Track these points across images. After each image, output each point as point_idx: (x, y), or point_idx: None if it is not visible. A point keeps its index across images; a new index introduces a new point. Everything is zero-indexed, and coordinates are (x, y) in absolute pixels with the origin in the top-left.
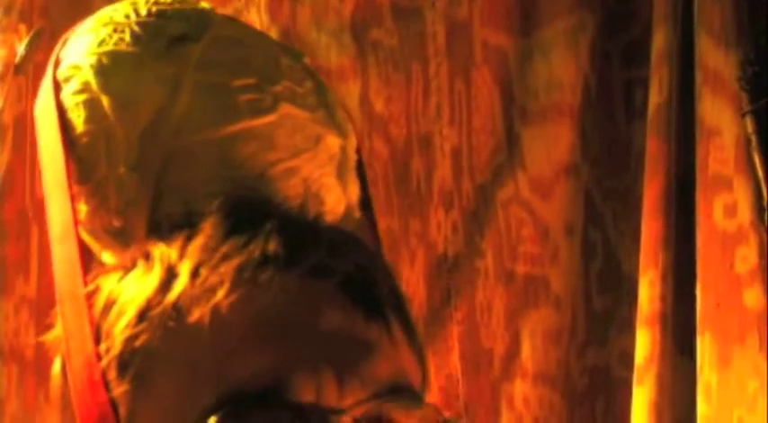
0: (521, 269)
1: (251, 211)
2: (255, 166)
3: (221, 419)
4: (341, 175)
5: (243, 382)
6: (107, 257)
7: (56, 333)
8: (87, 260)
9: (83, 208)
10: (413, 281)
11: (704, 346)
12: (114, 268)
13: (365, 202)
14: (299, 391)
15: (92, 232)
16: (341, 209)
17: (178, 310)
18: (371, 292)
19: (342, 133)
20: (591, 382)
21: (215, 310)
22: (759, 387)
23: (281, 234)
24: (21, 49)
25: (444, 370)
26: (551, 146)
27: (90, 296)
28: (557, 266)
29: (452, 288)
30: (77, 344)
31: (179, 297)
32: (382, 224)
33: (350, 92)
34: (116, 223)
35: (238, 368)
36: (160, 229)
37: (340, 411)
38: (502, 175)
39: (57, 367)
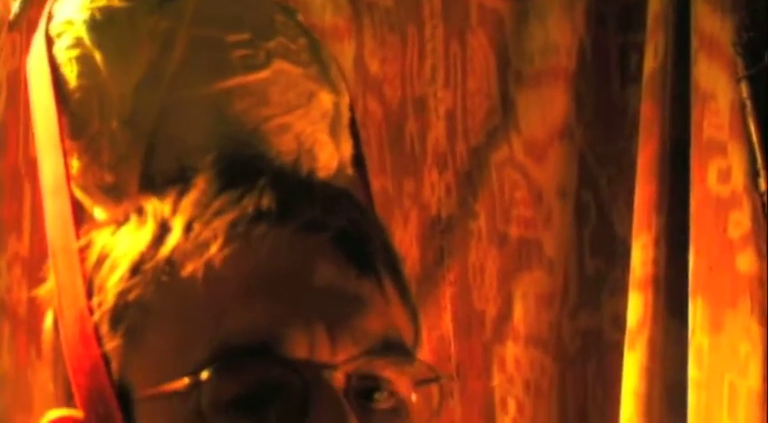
0: (514, 231)
1: (244, 166)
2: (249, 121)
3: (214, 373)
4: (333, 131)
5: (236, 337)
6: (99, 214)
7: (48, 287)
8: (79, 216)
9: (75, 163)
10: (406, 241)
11: (696, 310)
12: (107, 223)
13: (358, 160)
14: (292, 346)
15: (84, 188)
16: (333, 165)
17: (171, 264)
18: (364, 247)
19: (335, 90)
20: (583, 344)
21: (208, 265)
22: (751, 351)
23: (275, 189)
24: (15, 5)
25: (436, 331)
26: (546, 109)
27: (82, 250)
28: (550, 229)
29: (445, 249)
30: (70, 298)
31: (172, 251)
32: (376, 184)
33: (345, 52)
34: (108, 179)
35: (231, 322)
36: (153, 184)
37: (332, 367)
38: (496, 138)
39: (48, 321)
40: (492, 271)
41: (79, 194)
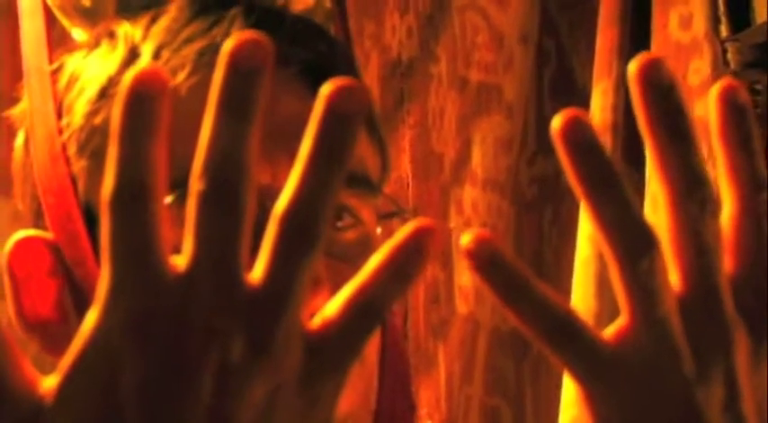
0: (474, 76)
1: None
2: None
3: (176, 200)
4: None
5: None
6: (77, 34)
7: (22, 107)
8: (56, 37)
9: None
10: (366, 83)
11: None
12: (79, 46)
13: None
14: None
15: (62, 9)
16: None
17: None
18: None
19: None
20: (539, 190)
21: (175, 93)
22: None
23: (245, 21)
24: None
25: (395, 173)
26: None
27: (55, 73)
28: (510, 74)
29: (405, 92)
30: (41, 117)
31: None
32: None
33: None
34: (85, 2)
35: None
36: (129, 8)
37: None
38: None
39: (20, 140)
40: (451, 114)
41: (58, 14)
